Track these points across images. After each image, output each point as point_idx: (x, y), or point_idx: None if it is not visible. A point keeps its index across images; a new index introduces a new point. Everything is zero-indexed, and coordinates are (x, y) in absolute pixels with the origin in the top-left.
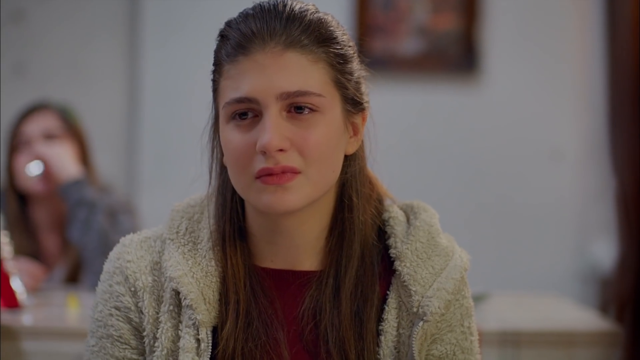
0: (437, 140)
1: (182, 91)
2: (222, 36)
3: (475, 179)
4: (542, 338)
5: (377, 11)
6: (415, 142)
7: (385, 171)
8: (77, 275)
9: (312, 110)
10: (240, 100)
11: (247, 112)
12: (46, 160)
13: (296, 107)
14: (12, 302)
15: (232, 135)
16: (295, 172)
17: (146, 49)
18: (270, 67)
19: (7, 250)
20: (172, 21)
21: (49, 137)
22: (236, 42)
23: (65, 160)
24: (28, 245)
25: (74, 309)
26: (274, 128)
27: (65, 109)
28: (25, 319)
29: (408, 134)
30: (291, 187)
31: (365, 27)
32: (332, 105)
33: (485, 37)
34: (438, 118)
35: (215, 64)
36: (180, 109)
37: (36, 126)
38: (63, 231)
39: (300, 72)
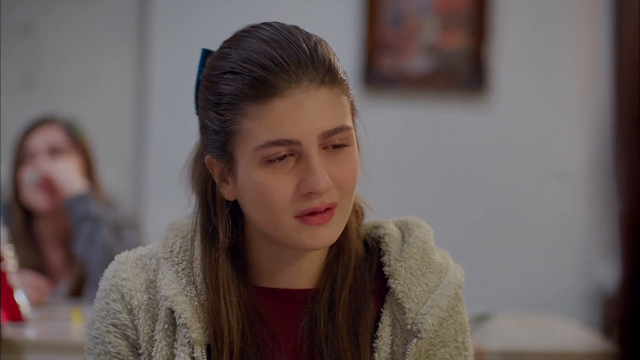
0: (445, 158)
1: (191, 106)
2: (235, 72)
3: (482, 197)
4: (544, 358)
5: (386, 29)
6: (423, 160)
7: (393, 188)
8: (81, 289)
9: (344, 145)
10: (279, 143)
11: (285, 155)
12: (51, 176)
13: (333, 144)
14: (15, 316)
15: (266, 179)
16: (335, 206)
17: (155, 63)
18: (307, 107)
19: (12, 263)
20: (181, 36)
21: (54, 151)
22: (264, 80)
23: (70, 175)
24: (33, 258)
25: (77, 323)
26: (321, 170)
27: (70, 123)
28: (29, 332)
29: (416, 152)
30: (331, 222)
31: (374, 44)
32: (354, 135)
33: (494, 56)
34: (446, 136)
35: (228, 102)
36: (188, 124)
37: (41, 140)
38: (68, 245)
39: (334, 108)
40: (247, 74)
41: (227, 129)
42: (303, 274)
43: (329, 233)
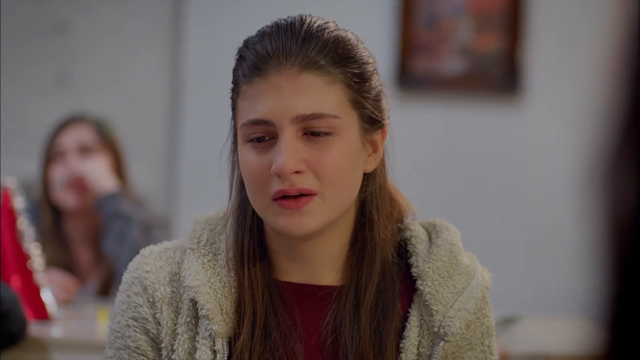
0: (478, 160)
1: (224, 105)
2: (240, 56)
3: (514, 199)
4: None
5: (420, 30)
6: (454, 162)
7: (425, 189)
8: (110, 288)
9: (327, 133)
10: (256, 122)
11: (264, 136)
12: (82, 175)
13: (311, 131)
14: (41, 314)
15: (248, 157)
16: (311, 193)
17: (189, 61)
18: (286, 89)
19: (39, 262)
20: (215, 34)
21: (84, 149)
22: (252, 62)
23: (101, 174)
24: (61, 257)
25: (103, 322)
26: (289, 150)
27: (100, 122)
28: (55, 331)
29: (448, 153)
30: (308, 210)
31: (408, 45)
32: (348, 125)
33: (528, 58)
34: (479, 138)
35: (233, 83)
36: (221, 123)
37: (71, 139)
38: (97, 244)
39: (316, 94)
40: (245, 58)
41: (233, 108)
42: (322, 270)
43: (307, 221)
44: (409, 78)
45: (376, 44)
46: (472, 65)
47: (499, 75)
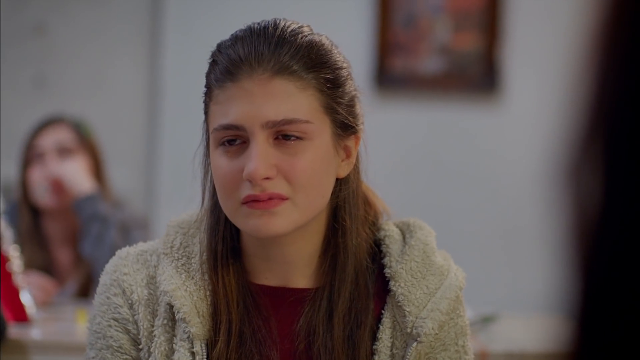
0: (455, 159)
1: (202, 107)
2: (213, 60)
3: (493, 197)
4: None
5: (398, 29)
6: (433, 161)
7: (403, 189)
8: (88, 289)
9: (299, 137)
10: (227, 127)
11: (236, 139)
12: (60, 177)
13: (283, 135)
14: (21, 316)
15: (220, 161)
16: (282, 198)
17: (167, 63)
18: (257, 95)
19: (17, 264)
20: (193, 35)
21: (62, 150)
22: (225, 67)
23: (79, 175)
24: (40, 259)
25: (82, 323)
26: (259, 156)
27: (79, 123)
28: (34, 333)
29: (426, 152)
30: (278, 212)
31: (386, 45)
32: (320, 131)
33: (506, 57)
34: (458, 137)
35: (206, 87)
36: (199, 125)
37: (50, 140)
38: (75, 245)
39: (287, 99)
40: (218, 62)
41: (205, 112)
42: (297, 272)
43: (276, 222)
44: (387, 77)
45: (354, 44)
46: (450, 64)
47: (477, 74)
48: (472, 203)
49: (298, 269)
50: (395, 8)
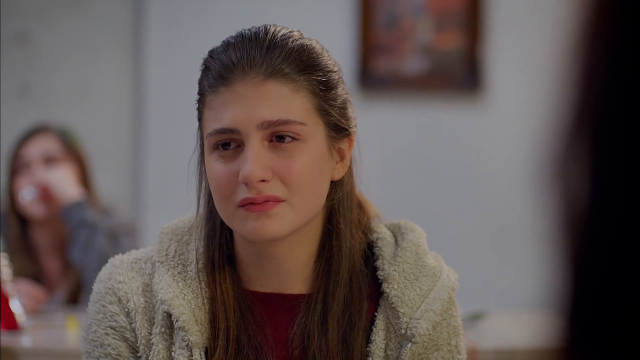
0: (441, 158)
1: (187, 112)
2: (205, 66)
3: (478, 196)
4: (536, 356)
5: (380, 30)
6: (419, 161)
7: (389, 189)
8: (77, 296)
9: (294, 138)
10: (222, 131)
11: (230, 143)
12: (46, 185)
13: (278, 136)
14: (11, 324)
15: (215, 165)
16: (278, 200)
17: (151, 70)
18: (251, 98)
19: (7, 272)
20: (177, 42)
21: (48, 159)
22: (217, 72)
23: (65, 183)
24: (29, 267)
25: (72, 330)
26: (255, 159)
27: (65, 132)
28: (25, 340)
29: (411, 153)
30: (275, 214)
31: (368, 46)
32: (314, 133)
33: (489, 56)
34: (442, 137)
35: (199, 94)
36: (185, 130)
37: (36, 149)
38: (64, 253)
39: (281, 101)
40: (210, 68)
41: (199, 118)
42: (291, 279)
43: (274, 224)
44: (371, 78)
45: (337, 45)
46: (433, 64)
47: (460, 73)
48: (457, 201)
49: (293, 275)
50: (377, 9)
